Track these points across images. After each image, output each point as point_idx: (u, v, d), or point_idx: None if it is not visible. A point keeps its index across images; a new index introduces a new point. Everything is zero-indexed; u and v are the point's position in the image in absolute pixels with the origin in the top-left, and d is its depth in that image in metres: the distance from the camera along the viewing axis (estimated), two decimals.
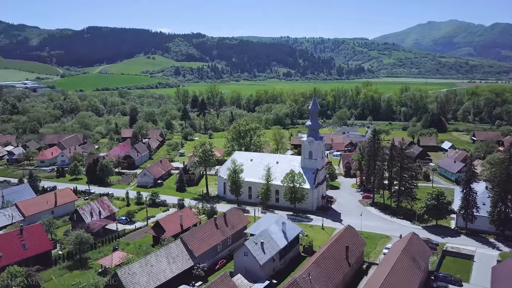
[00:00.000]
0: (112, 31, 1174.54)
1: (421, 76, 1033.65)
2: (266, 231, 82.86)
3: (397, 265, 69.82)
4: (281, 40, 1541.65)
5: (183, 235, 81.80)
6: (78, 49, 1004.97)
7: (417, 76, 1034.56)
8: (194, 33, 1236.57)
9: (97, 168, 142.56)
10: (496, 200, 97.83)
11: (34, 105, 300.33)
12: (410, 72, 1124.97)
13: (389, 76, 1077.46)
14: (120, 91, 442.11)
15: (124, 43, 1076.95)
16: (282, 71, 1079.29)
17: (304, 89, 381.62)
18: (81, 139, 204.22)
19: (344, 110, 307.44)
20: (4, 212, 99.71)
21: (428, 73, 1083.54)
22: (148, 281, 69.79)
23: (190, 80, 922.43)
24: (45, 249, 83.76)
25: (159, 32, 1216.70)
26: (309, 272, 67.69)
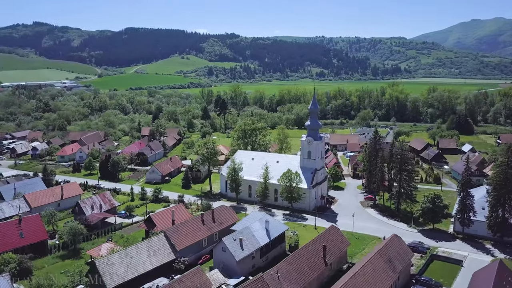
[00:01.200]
0: (149, 32, 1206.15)
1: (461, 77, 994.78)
2: (248, 228, 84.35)
3: (368, 266, 69.65)
4: (316, 40, 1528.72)
5: (166, 229, 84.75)
6: (116, 50, 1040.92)
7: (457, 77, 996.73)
8: (228, 34, 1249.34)
9: (109, 164, 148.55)
10: (494, 205, 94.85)
11: (66, 103, 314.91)
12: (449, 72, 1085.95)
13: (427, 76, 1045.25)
14: (149, 90, 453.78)
15: (160, 44, 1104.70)
16: (315, 71, 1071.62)
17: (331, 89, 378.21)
18: (102, 136, 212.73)
19: (367, 111, 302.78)
20: (12, 203, 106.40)
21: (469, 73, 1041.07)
22: (126, 272, 72.98)
23: (222, 80, 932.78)
24: (41, 238, 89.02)
25: (194, 33, 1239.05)
26: (277, 270, 68.72)
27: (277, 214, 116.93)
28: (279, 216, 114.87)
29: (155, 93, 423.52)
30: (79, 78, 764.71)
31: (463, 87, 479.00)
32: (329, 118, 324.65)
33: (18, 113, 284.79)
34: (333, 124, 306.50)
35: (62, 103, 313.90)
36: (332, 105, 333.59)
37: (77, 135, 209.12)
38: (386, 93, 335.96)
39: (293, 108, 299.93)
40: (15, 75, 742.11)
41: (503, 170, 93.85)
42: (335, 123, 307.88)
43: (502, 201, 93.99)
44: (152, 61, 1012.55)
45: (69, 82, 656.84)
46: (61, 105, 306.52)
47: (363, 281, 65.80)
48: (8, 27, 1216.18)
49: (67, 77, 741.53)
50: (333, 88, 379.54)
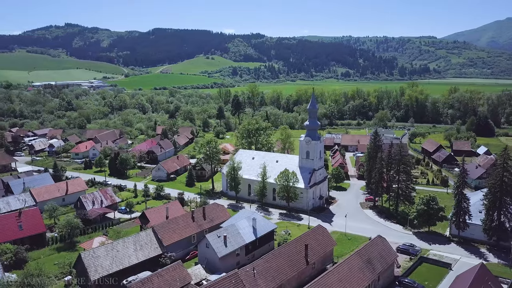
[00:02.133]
0: (175, 33, 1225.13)
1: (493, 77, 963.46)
2: (234, 226, 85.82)
3: (343, 266, 69.95)
4: (343, 40, 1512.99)
5: (154, 225, 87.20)
6: (143, 50, 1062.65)
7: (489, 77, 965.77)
8: (254, 34, 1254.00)
9: (117, 161, 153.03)
10: (489, 208, 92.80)
11: (87, 102, 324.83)
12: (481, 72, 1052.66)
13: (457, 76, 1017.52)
14: (170, 90, 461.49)
15: (186, 44, 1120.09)
16: (341, 71, 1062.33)
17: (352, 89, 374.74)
18: (117, 134, 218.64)
19: (385, 112, 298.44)
20: (19, 197, 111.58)
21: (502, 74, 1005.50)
22: (111, 265, 75.73)
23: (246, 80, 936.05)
24: (39, 231, 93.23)
25: (220, 33, 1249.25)
26: (254, 267, 69.83)
27: (273, 213, 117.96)
28: (276, 215, 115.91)
29: (176, 93, 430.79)
30: (106, 78, 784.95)
31: (492, 88, 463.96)
32: (346, 119, 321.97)
33: (42, 111, 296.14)
34: (350, 124, 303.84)
35: (84, 102, 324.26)
36: (350, 105, 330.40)
37: (93, 133, 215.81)
38: (405, 94, 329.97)
39: None
40: (46, 74, 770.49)
41: (499, 173, 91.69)
42: (352, 124, 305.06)
43: (498, 205, 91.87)
44: (178, 61, 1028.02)
45: (96, 81, 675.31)
46: (83, 104, 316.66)
47: (336, 280, 66.14)
48: (42, 29, 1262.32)
49: (95, 77, 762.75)
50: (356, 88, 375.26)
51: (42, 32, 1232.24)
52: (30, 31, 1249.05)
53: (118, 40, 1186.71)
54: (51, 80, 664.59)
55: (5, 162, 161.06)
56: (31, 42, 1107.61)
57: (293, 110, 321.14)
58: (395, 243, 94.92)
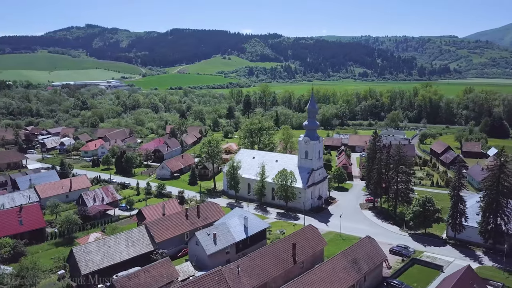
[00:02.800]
0: (193, 33, 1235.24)
1: None
2: (224, 224, 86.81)
3: (327, 265, 70.18)
4: (361, 40, 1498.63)
5: (147, 222, 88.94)
6: (161, 50, 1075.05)
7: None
8: (271, 34, 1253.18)
9: (123, 160, 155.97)
10: (486, 210, 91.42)
11: (102, 101, 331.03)
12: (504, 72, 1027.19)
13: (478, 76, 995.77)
14: (184, 90, 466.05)
15: (203, 44, 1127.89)
16: (358, 71, 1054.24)
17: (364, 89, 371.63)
18: (127, 133, 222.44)
19: (397, 112, 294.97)
20: (23, 193, 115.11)
21: None
22: (102, 260, 77.60)
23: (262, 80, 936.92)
24: (39, 226, 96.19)
25: (237, 33, 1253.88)
26: (238, 264, 70.64)
27: (271, 212, 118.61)
28: (273, 215, 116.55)
29: (190, 92, 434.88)
30: (124, 77, 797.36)
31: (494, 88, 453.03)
32: (358, 119, 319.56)
33: (58, 110, 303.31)
34: (361, 125, 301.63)
35: (99, 102, 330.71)
36: (362, 105, 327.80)
37: (104, 132, 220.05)
38: (419, 94, 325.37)
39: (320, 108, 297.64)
40: (66, 74, 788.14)
41: (495, 175, 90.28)
42: (363, 124, 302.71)
43: (494, 207, 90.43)
44: (195, 61, 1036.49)
45: (114, 81, 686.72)
46: (98, 103, 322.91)
47: (318, 279, 66.37)
48: (63, 30, 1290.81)
49: (113, 77, 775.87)
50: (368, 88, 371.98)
51: (64, 33, 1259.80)
52: (52, 32, 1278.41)
53: (137, 40, 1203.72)
54: (70, 79, 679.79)
55: (16, 159, 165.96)
56: (53, 42, 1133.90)
57: (304, 110, 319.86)
58: (389, 244, 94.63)
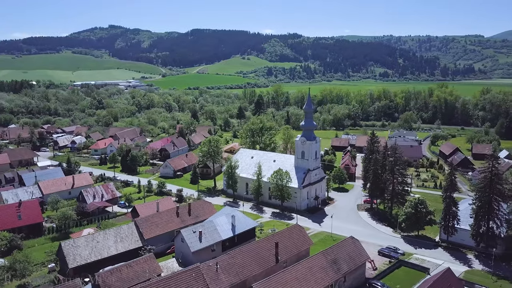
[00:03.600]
0: (213, 33, 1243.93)
1: None
2: (211, 222, 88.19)
3: (303, 264, 70.55)
4: (383, 39, 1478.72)
5: (137, 218, 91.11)
6: (181, 51, 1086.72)
7: None
8: (291, 34, 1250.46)
9: (128, 158, 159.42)
10: (477, 213, 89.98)
11: (118, 101, 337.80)
12: None
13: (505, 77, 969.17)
14: (200, 90, 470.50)
15: (223, 45, 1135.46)
16: (379, 71, 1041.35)
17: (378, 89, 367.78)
18: (138, 132, 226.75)
19: (410, 113, 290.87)
20: (27, 189, 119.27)
21: None
22: (89, 254, 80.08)
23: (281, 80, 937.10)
24: (37, 221, 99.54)
25: (257, 33, 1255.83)
26: (217, 262, 71.78)
27: (267, 211, 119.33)
28: (268, 214, 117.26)
29: (206, 92, 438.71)
30: (144, 77, 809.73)
31: None
32: (371, 120, 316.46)
33: (74, 109, 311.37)
34: (374, 125, 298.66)
35: (114, 101, 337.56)
36: (375, 106, 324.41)
37: (116, 131, 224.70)
38: (434, 95, 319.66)
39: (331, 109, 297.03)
40: (88, 74, 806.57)
41: (486, 177, 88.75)
42: (376, 125, 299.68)
43: (486, 210, 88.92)
44: (214, 61, 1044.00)
45: (134, 81, 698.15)
46: (113, 102, 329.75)
47: (293, 278, 66.80)
48: (87, 30, 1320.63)
49: (133, 77, 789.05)
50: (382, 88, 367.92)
51: (87, 33, 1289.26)
52: (76, 33, 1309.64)
53: (158, 41, 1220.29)
54: (92, 79, 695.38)
55: (28, 157, 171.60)
56: (76, 43, 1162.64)
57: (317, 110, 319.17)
58: (380, 246, 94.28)
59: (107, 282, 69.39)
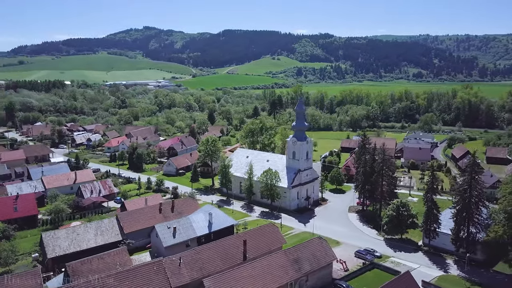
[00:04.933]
0: (245, 34, 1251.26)
1: None
2: (187, 219, 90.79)
3: (262, 262, 71.62)
4: (419, 39, 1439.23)
5: (118, 213, 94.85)
6: (212, 51, 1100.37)
7: None
8: (322, 34, 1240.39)
9: (134, 156, 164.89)
10: (457, 217, 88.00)
11: (140, 100, 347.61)
12: None
13: None
14: (224, 90, 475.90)
15: (254, 45, 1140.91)
16: (412, 71, 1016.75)
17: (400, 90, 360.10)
18: (153, 131, 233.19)
19: (430, 115, 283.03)
20: (31, 183, 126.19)
21: None
22: (68, 246, 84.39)
23: (311, 80, 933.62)
24: (32, 213, 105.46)
25: (288, 34, 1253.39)
26: (180, 257, 74.04)
27: (256, 211, 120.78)
28: (257, 213, 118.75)
29: (229, 93, 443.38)
30: (174, 78, 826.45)
31: None
32: (391, 121, 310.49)
33: (99, 108, 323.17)
34: (393, 127, 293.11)
35: (137, 101, 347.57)
36: (396, 107, 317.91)
37: (131, 129, 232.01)
38: (457, 96, 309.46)
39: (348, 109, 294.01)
40: (121, 75, 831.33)
41: (467, 180, 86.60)
42: (396, 127, 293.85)
43: (466, 214, 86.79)
44: (245, 62, 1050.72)
45: (164, 81, 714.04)
46: (136, 102, 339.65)
47: (247, 275, 68.06)
48: (123, 32, 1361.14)
49: (164, 77, 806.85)
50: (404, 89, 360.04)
51: (123, 35, 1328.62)
52: (113, 34, 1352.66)
53: (190, 41, 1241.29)
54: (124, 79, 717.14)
55: (43, 153, 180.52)
56: (112, 44, 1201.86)
57: (335, 111, 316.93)
58: (359, 247, 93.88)
59: (77, 272, 72.98)
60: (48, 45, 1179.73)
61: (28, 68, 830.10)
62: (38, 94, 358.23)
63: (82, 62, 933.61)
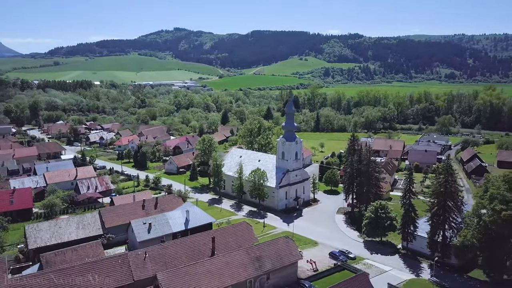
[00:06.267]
0: (273, 35, 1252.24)
1: None
2: (164, 215, 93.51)
3: (220, 258, 73.07)
4: (454, 38, 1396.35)
5: (101, 209, 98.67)
6: (240, 52, 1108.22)
7: None
8: (351, 34, 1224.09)
9: (138, 154, 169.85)
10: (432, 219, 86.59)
11: (160, 100, 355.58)
12: None
13: None
14: (245, 91, 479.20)
15: (282, 46, 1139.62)
16: (445, 72, 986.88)
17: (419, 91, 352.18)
18: (165, 130, 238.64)
19: (448, 117, 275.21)
20: (33, 178, 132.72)
21: None
22: (50, 238, 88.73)
23: (338, 81, 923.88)
24: (27, 206, 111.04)
25: (317, 34, 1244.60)
26: (146, 251, 76.62)
27: (244, 210, 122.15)
28: (244, 212, 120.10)
29: (250, 93, 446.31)
30: (201, 78, 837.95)
31: None
32: (409, 123, 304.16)
33: (119, 108, 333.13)
34: (410, 129, 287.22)
35: (157, 101, 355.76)
36: (414, 109, 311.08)
37: (144, 128, 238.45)
38: (478, 97, 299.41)
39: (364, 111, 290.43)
40: (150, 75, 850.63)
41: (442, 183, 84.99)
42: (413, 128, 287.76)
43: (441, 218, 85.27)
44: (272, 62, 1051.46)
45: (190, 82, 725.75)
46: (155, 102, 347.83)
47: (205, 270, 69.55)
48: (154, 33, 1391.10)
49: (191, 78, 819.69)
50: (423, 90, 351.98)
51: (154, 36, 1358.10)
52: (144, 35, 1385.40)
53: (219, 42, 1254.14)
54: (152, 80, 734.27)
55: (56, 150, 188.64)
56: (144, 45, 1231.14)
57: (351, 112, 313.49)
58: (335, 248, 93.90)
59: (50, 262, 77.01)
60: (82, 46, 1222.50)
61: (63, 69, 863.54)
62: (64, 93, 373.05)
63: (114, 63, 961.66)
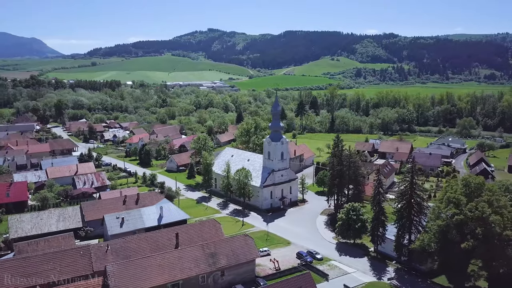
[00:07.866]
0: (305, 35, 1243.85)
1: None
2: (138, 211, 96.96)
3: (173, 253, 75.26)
4: (497, 38, 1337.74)
5: (82, 202, 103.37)
6: (272, 52, 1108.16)
7: None
8: (386, 34, 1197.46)
9: (142, 152, 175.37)
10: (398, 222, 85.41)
11: (181, 100, 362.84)
12: None
13: None
14: (267, 91, 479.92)
15: (314, 46, 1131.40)
16: (484, 73, 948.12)
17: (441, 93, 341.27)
18: (178, 130, 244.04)
19: (469, 119, 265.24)
20: (35, 173, 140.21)
21: None
22: (31, 229, 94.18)
23: (370, 82, 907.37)
24: (22, 199, 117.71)
25: (350, 34, 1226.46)
26: (108, 244, 79.93)
27: (230, 208, 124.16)
28: (228, 210, 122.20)
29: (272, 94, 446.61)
30: (231, 79, 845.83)
31: None
32: (429, 125, 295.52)
33: (141, 107, 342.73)
34: (430, 131, 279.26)
35: (178, 101, 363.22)
36: (435, 111, 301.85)
37: (158, 127, 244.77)
38: (503, 99, 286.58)
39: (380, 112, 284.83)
40: (182, 76, 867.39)
41: (408, 185, 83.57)
42: (432, 131, 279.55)
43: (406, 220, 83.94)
44: (303, 63, 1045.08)
45: (219, 82, 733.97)
46: (177, 102, 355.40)
47: (156, 264, 71.84)
48: (188, 34, 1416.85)
49: (221, 78, 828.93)
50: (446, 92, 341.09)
51: (188, 37, 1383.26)
52: (178, 36, 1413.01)
53: (251, 43, 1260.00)
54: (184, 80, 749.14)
55: (69, 147, 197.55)
56: (178, 46, 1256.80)
57: (369, 113, 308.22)
58: (305, 249, 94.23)
59: (22, 251, 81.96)
60: (119, 47, 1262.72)
61: (99, 69, 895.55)
62: (91, 93, 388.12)
63: (147, 63, 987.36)
